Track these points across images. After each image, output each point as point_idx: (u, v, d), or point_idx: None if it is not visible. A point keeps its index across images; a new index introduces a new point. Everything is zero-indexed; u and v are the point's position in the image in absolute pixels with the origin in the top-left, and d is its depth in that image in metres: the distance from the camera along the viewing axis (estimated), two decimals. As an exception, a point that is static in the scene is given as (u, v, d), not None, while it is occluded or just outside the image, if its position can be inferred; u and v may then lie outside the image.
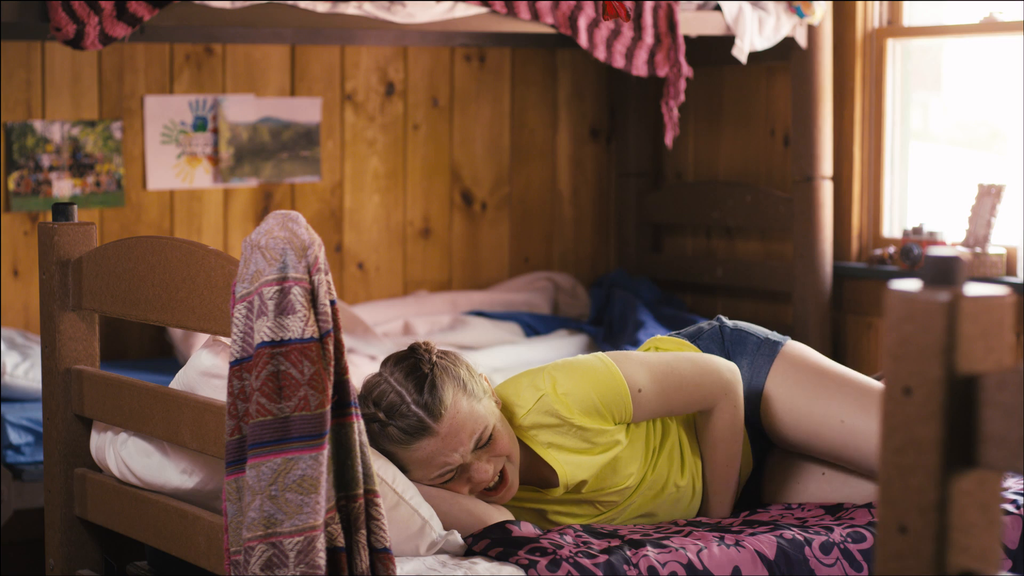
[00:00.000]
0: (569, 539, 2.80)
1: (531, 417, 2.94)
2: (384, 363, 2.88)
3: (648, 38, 4.86)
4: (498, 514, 2.87)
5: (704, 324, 3.27)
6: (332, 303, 2.44)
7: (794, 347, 3.18)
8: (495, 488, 2.89)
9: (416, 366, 2.82)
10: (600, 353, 3.01)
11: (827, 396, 3.08)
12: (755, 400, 3.14)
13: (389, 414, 2.80)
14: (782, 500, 3.17)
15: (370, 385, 2.84)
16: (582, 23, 4.72)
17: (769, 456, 3.23)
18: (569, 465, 2.94)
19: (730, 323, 3.24)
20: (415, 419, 2.79)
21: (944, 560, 1.49)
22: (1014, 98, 4.92)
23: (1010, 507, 2.97)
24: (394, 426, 2.79)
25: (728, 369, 3.04)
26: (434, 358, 2.85)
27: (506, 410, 2.96)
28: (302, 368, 2.39)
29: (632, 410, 2.95)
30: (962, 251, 4.87)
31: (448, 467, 2.82)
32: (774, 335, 3.20)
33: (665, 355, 3.06)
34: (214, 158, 5.29)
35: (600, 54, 4.81)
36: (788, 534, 2.85)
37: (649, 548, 2.74)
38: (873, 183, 5.31)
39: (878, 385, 3.08)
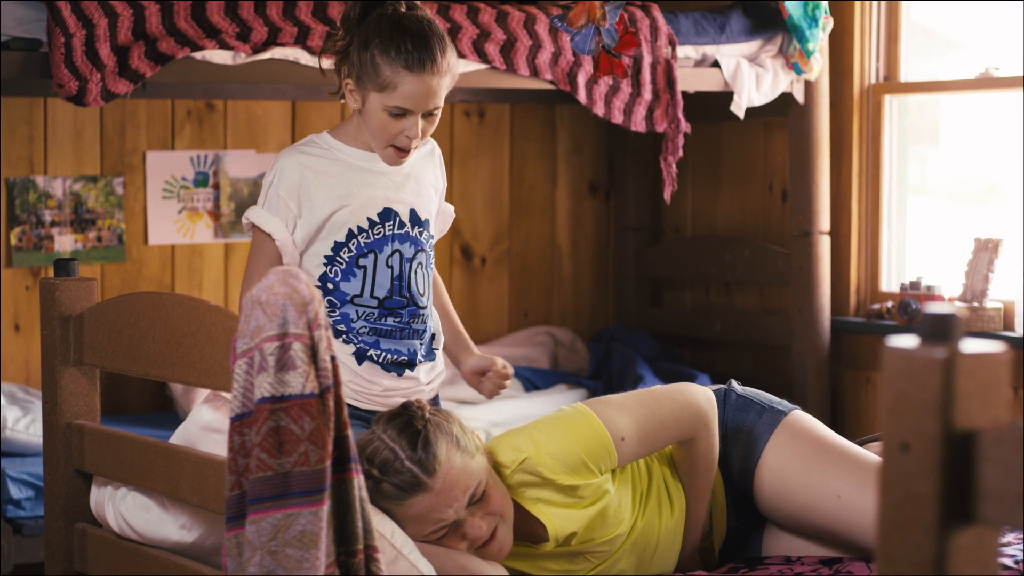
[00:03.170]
0: (568, 594, 2.80)
1: (516, 476, 2.94)
2: (376, 421, 2.88)
3: (646, 94, 4.88)
4: (492, 570, 2.87)
5: (713, 388, 3.27)
6: (332, 359, 2.45)
7: (798, 417, 3.18)
8: (484, 545, 2.88)
9: (409, 423, 2.82)
10: (578, 404, 3.01)
11: (825, 468, 3.07)
12: (751, 469, 3.14)
13: (383, 470, 2.79)
14: (784, 552, 3.17)
15: (363, 442, 2.84)
16: (581, 79, 4.75)
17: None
18: (558, 518, 2.94)
19: (739, 389, 3.24)
20: (409, 475, 2.78)
21: (942, 616, 1.49)
22: (1011, 153, 4.94)
23: (1008, 561, 2.96)
24: (388, 482, 2.79)
25: (706, 400, 3.07)
26: (427, 415, 2.85)
27: (494, 469, 2.96)
28: (302, 424, 2.40)
29: (617, 459, 2.96)
30: (959, 306, 4.88)
31: (442, 523, 2.82)
32: (780, 404, 3.20)
33: (643, 394, 3.07)
34: (215, 213, 5.31)
35: (599, 110, 4.83)
36: (787, 589, 2.84)
37: (648, 603, 2.74)
38: (871, 238, 5.32)
39: (878, 460, 3.06)
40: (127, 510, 2.91)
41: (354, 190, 3.09)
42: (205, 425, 2.80)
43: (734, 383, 3.27)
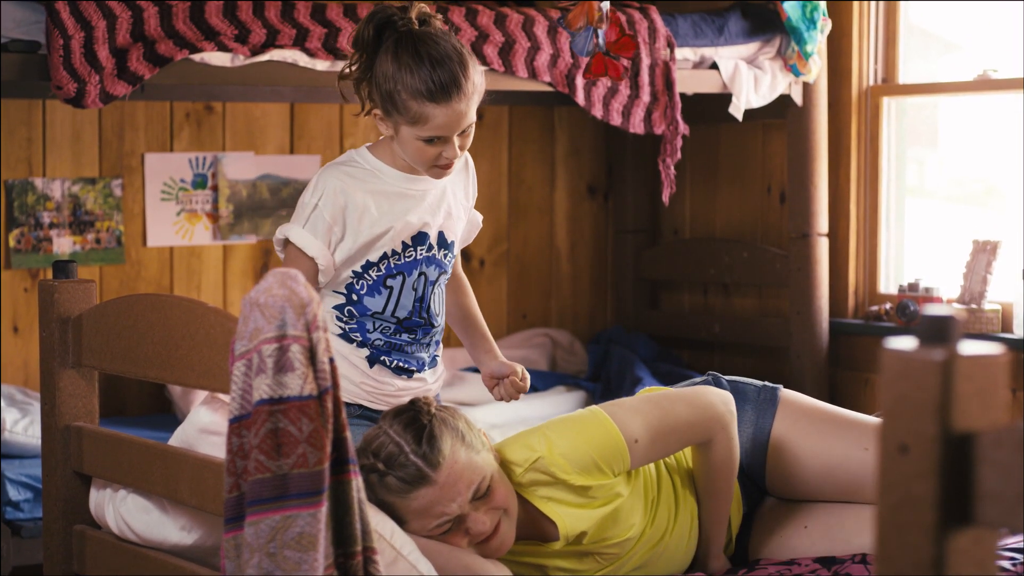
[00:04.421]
0: (568, 596, 2.80)
1: (528, 475, 2.95)
2: (383, 416, 2.90)
3: (645, 96, 4.89)
4: (495, 569, 2.87)
5: (698, 379, 3.30)
6: (331, 361, 2.45)
7: (790, 392, 3.28)
8: (486, 539, 2.89)
9: (415, 418, 2.84)
10: (593, 407, 3.03)
11: (842, 429, 3.16)
12: (762, 446, 3.17)
13: (388, 464, 2.81)
14: (765, 555, 3.18)
15: (369, 437, 2.86)
16: (579, 81, 4.75)
17: (756, 509, 3.24)
18: (569, 517, 2.95)
19: (725, 378, 3.28)
20: (414, 468, 2.80)
21: (941, 617, 1.49)
22: (1009, 155, 4.94)
23: (1006, 563, 2.96)
24: (393, 475, 2.81)
25: (723, 401, 3.08)
26: (433, 411, 2.87)
27: (503, 467, 2.97)
28: (300, 425, 2.40)
29: (629, 461, 2.97)
30: (957, 308, 4.88)
31: (446, 517, 2.83)
32: (767, 383, 3.26)
33: (658, 397, 3.08)
34: (213, 215, 5.31)
35: (597, 112, 4.83)
36: (786, 591, 2.85)
37: (648, 605, 2.74)
38: (869, 239, 5.32)
39: (876, 420, 3.14)
40: (127, 512, 2.91)
41: (395, 216, 3.07)
42: (203, 427, 2.80)
43: (716, 374, 3.31)
